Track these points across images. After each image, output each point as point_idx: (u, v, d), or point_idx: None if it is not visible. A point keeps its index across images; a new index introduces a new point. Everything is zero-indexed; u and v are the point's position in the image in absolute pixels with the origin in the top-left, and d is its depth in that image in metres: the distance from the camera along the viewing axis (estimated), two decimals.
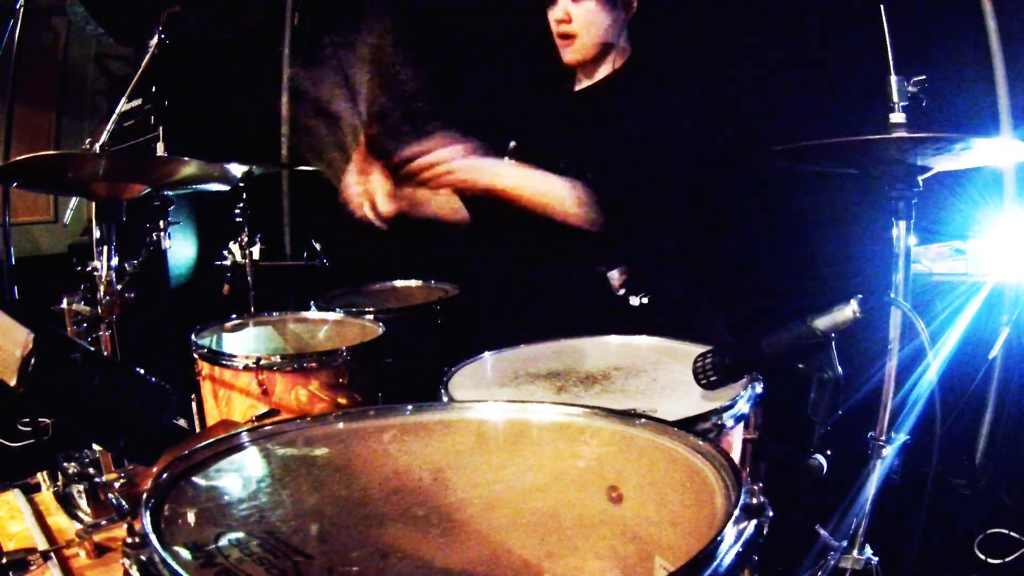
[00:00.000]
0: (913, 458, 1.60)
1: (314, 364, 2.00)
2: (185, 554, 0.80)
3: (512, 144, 2.18)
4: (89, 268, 1.62)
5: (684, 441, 1.03)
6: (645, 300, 2.10)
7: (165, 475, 0.95)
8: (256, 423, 1.87)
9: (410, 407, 1.23)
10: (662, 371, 1.65)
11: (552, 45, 2.20)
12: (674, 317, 2.10)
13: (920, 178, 1.48)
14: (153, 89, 3.13)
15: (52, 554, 1.28)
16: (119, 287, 1.61)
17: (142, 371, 0.99)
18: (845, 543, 1.55)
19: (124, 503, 1.45)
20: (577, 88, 2.26)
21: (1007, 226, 2.49)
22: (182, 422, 2.38)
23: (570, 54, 2.14)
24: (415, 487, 1.02)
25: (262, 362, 1.97)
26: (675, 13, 2.61)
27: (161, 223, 1.87)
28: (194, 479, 0.99)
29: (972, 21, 2.66)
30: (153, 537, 0.77)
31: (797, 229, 2.83)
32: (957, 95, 2.60)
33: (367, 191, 2.01)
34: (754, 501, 0.79)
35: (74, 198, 2.56)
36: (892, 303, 1.45)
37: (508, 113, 2.27)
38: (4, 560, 1.23)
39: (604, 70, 2.21)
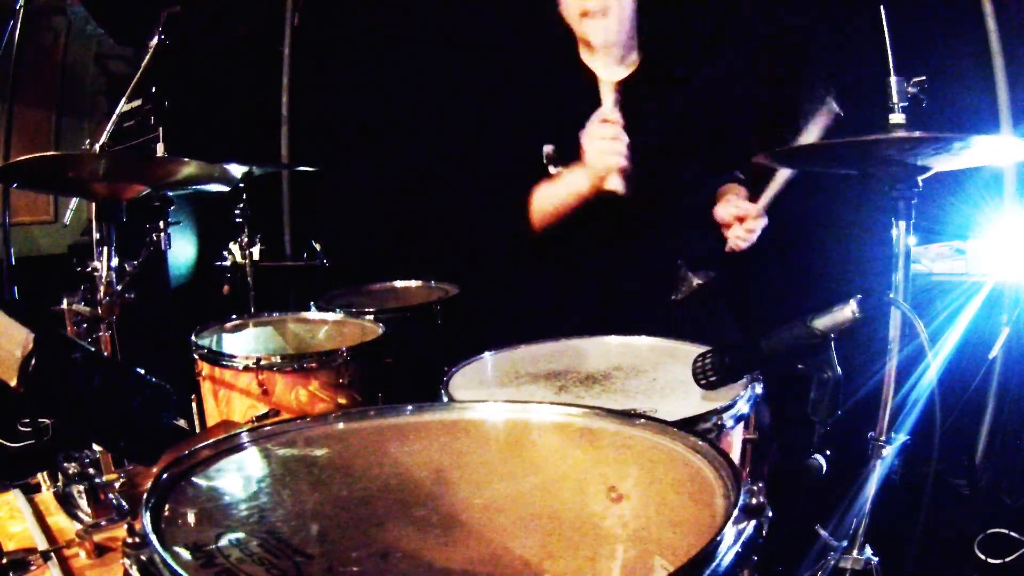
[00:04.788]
0: (913, 458, 1.60)
1: (314, 364, 2.00)
2: (185, 554, 0.80)
3: (548, 149, 2.16)
4: (89, 268, 1.62)
5: (684, 441, 1.03)
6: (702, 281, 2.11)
7: (165, 475, 0.95)
8: (256, 423, 1.87)
9: (410, 407, 1.23)
10: (662, 371, 1.65)
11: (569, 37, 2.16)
12: (686, 317, 2.10)
13: (920, 178, 1.48)
14: (153, 89, 3.13)
15: (52, 554, 1.27)
16: (119, 287, 1.61)
17: (142, 371, 0.99)
18: (845, 543, 1.55)
19: (124, 503, 1.45)
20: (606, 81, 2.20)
21: (1007, 226, 2.50)
22: (182, 422, 2.38)
23: (601, 33, 2.03)
24: (415, 487, 1.01)
25: (262, 362, 1.97)
26: (679, 11, 2.62)
27: (161, 223, 1.87)
28: (194, 479, 0.99)
29: (972, 21, 2.67)
30: (153, 537, 0.77)
31: (797, 229, 2.83)
32: (957, 95, 2.61)
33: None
34: (754, 501, 0.79)
35: (74, 198, 2.55)
36: (892, 303, 1.45)
37: (540, 117, 2.22)
38: (4, 560, 1.23)
39: (629, 63, 2.16)
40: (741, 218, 1.95)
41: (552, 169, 2.15)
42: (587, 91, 2.18)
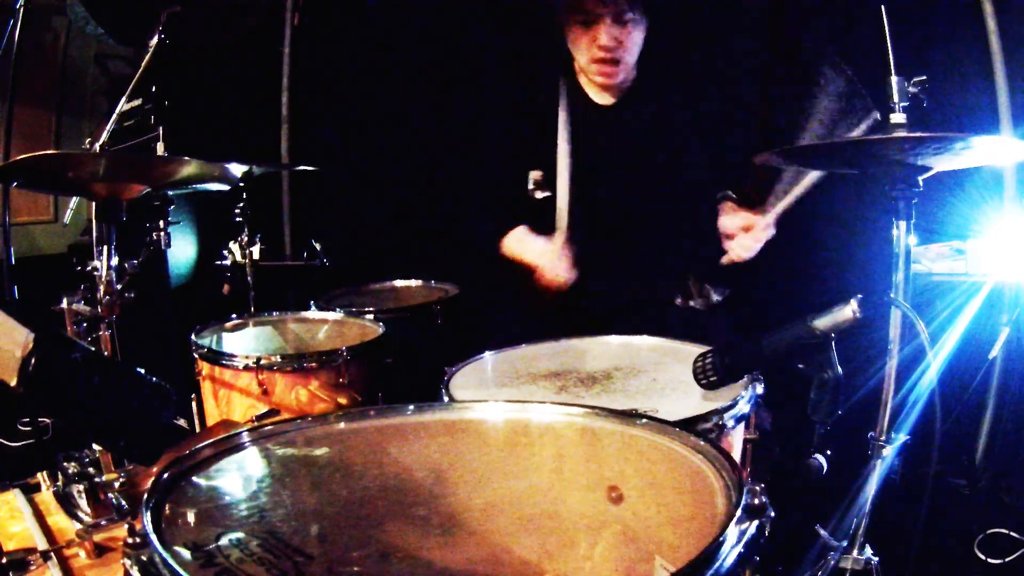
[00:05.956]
0: (913, 458, 1.59)
1: (314, 364, 2.00)
2: (185, 554, 0.80)
3: (536, 175, 2.17)
4: (89, 268, 1.62)
5: (685, 441, 1.03)
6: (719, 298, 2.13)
7: (165, 475, 0.95)
8: (256, 423, 1.87)
9: (411, 407, 1.23)
10: (662, 371, 1.65)
11: (567, 65, 2.17)
12: (682, 317, 2.10)
13: (920, 178, 1.48)
14: (153, 89, 3.13)
15: (52, 554, 1.28)
16: (119, 287, 1.61)
17: (142, 371, 0.99)
18: (845, 543, 1.55)
19: (124, 503, 1.45)
20: (601, 103, 2.22)
21: (1007, 226, 2.50)
22: (182, 422, 2.38)
23: (615, 79, 2.10)
24: (415, 487, 1.01)
25: (262, 362, 1.97)
26: (674, 22, 2.61)
27: (161, 223, 1.87)
28: (194, 479, 0.99)
29: (972, 21, 2.67)
30: (153, 537, 0.77)
31: (797, 229, 2.83)
32: (957, 95, 2.60)
33: None
34: (755, 501, 0.79)
35: (74, 198, 2.55)
36: (892, 303, 1.45)
37: (530, 135, 2.23)
38: (4, 560, 1.23)
39: (623, 86, 2.19)
40: (747, 228, 1.95)
41: (539, 194, 2.17)
42: (579, 111, 2.20)
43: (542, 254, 2.07)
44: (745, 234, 1.95)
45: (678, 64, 2.31)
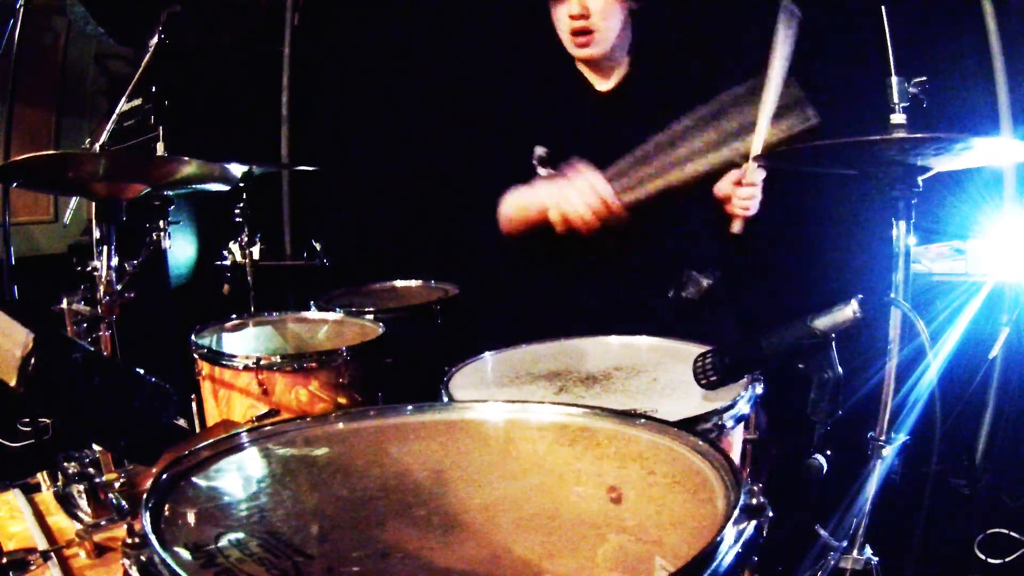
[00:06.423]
0: (913, 458, 1.60)
1: (314, 364, 2.00)
2: (185, 554, 0.80)
3: (540, 151, 2.16)
4: (89, 268, 1.62)
5: (684, 441, 1.04)
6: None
7: (165, 475, 0.95)
8: (256, 423, 1.87)
9: (410, 407, 1.23)
10: (662, 371, 1.65)
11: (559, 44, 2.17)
12: (690, 317, 2.09)
13: (920, 178, 1.48)
14: (153, 88, 3.13)
15: (52, 554, 1.28)
16: (119, 287, 1.61)
17: (142, 371, 0.99)
18: (845, 543, 1.55)
19: (124, 503, 1.45)
20: (600, 89, 2.21)
21: (1007, 226, 2.50)
22: (182, 422, 2.38)
23: (589, 50, 2.06)
24: (416, 487, 1.02)
25: (262, 362, 1.97)
26: (670, 14, 2.61)
27: (161, 223, 1.87)
28: (194, 479, 0.99)
29: (972, 21, 2.67)
30: (153, 537, 0.77)
31: (797, 229, 2.83)
32: (957, 95, 2.61)
33: None
34: (754, 501, 0.79)
35: (74, 198, 2.55)
36: (892, 303, 1.45)
37: (534, 119, 2.21)
38: (4, 560, 1.23)
39: (618, 72, 2.18)
40: (737, 181, 1.87)
41: (541, 171, 2.16)
42: (580, 95, 2.19)
43: (561, 192, 1.85)
44: (739, 188, 1.87)
45: (673, 53, 2.30)
